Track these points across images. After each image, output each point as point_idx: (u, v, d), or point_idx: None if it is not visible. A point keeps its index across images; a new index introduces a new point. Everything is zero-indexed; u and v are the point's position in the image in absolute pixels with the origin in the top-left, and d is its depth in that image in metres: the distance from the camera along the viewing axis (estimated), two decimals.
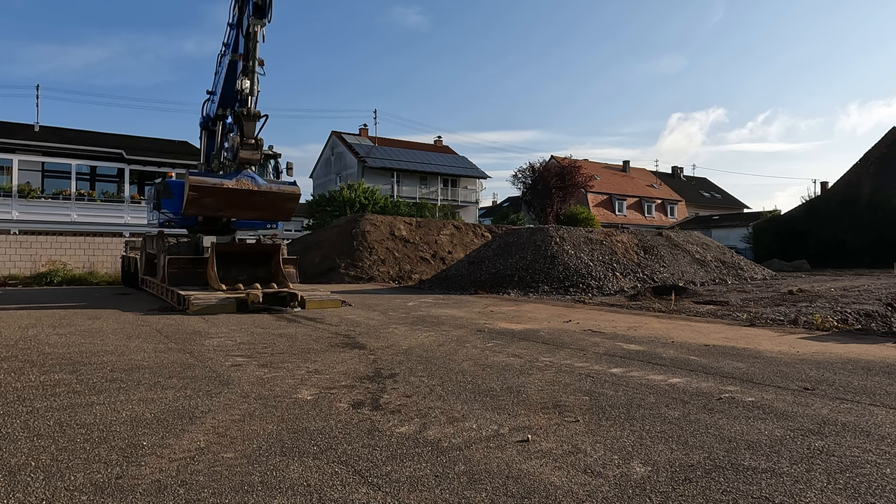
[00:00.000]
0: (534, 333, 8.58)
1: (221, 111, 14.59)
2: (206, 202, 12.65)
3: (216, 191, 12.42)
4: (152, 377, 5.46)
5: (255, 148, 12.75)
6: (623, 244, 20.04)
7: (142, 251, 17.09)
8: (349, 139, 54.78)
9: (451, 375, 5.64)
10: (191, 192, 12.30)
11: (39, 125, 32.86)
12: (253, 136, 12.69)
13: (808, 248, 34.20)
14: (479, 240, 26.89)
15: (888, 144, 36.70)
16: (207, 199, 12.54)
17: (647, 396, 4.87)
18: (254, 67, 12.58)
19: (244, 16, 12.75)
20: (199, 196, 12.42)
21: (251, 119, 12.58)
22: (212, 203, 12.72)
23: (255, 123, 12.66)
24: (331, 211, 35.42)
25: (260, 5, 12.14)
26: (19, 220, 27.66)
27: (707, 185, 76.05)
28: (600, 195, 59.71)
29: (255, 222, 15.33)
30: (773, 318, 10.27)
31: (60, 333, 8.22)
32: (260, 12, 12.20)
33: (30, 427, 3.93)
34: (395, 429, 3.96)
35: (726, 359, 6.61)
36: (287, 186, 13.58)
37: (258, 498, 2.86)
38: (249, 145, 12.68)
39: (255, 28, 12.36)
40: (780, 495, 2.92)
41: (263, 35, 12.56)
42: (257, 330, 8.78)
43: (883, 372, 5.89)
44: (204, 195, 12.45)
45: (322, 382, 5.33)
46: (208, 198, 12.52)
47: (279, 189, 13.26)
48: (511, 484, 3.04)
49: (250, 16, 12.29)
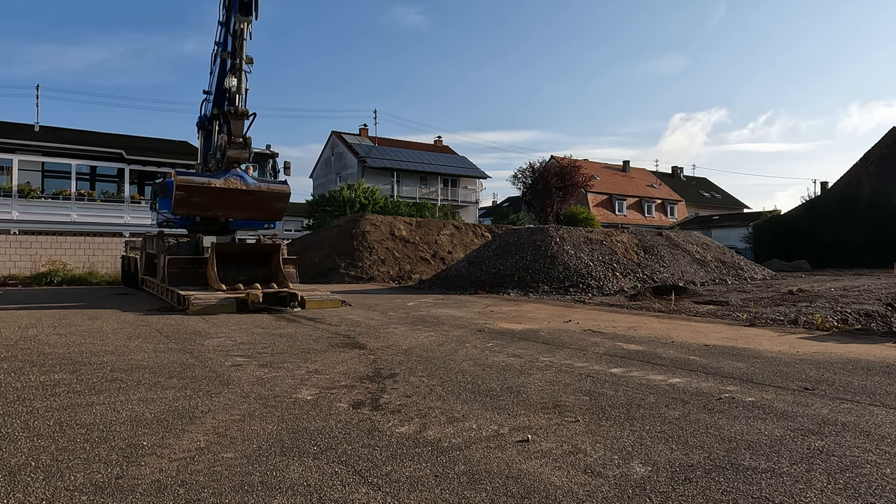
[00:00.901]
0: (534, 333, 8.58)
1: (216, 110, 14.59)
2: (195, 201, 12.57)
3: (204, 190, 12.34)
4: (152, 377, 5.46)
5: (243, 147, 12.63)
6: (623, 244, 20.04)
7: (142, 251, 17.09)
8: (349, 139, 54.78)
9: (451, 375, 5.64)
10: (178, 191, 12.24)
11: (39, 125, 32.87)
12: (241, 134, 12.56)
13: (808, 248, 34.20)
14: (479, 240, 26.89)
15: (888, 144, 36.70)
16: (195, 198, 12.46)
17: (647, 396, 4.87)
18: (241, 65, 12.48)
19: (231, 13, 12.71)
20: (187, 195, 12.35)
21: (239, 117, 12.46)
22: (200, 202, 12.64)
23: (242, 122, 12.54)
24: (331, 211, 35.42)
25: (246, 3, 12.10)
26: (19, 220, 27.66)
27: (707, 185, 76.04)
28: (600, 195, 59.71)
29: (252, 222, 15.28)
30: (773, 318, 10.27)
31: (60, 333, 8.22)
32: (246, 10, 12.15)
33: (30, 427, 3.93)
34: (395, 429, 3.96)
35: (726, 359, 6.60)
36: (276, 186, 13.48)
37: (258, 498, 2.86)
38: (237, 144, 12.58)
39: (241, 25, 12.30)
40: (780, 495, 2.92)
41: (250, 32, 12.49)
42: (257, 330, 8.77)
43: (883, 372, 5.89)
44: (192, 194, 12.37)
45: (322, 382, 5.32)
46: (196, 197, 12.44)
47: (268, 188, 13.16)
48: (511, 484, 3.04)
49: (236, 13, 12.24)
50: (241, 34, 12.40)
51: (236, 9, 12.25)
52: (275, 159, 16.12)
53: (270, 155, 16.12)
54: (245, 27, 12.38)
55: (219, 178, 12.43)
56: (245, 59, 12.73)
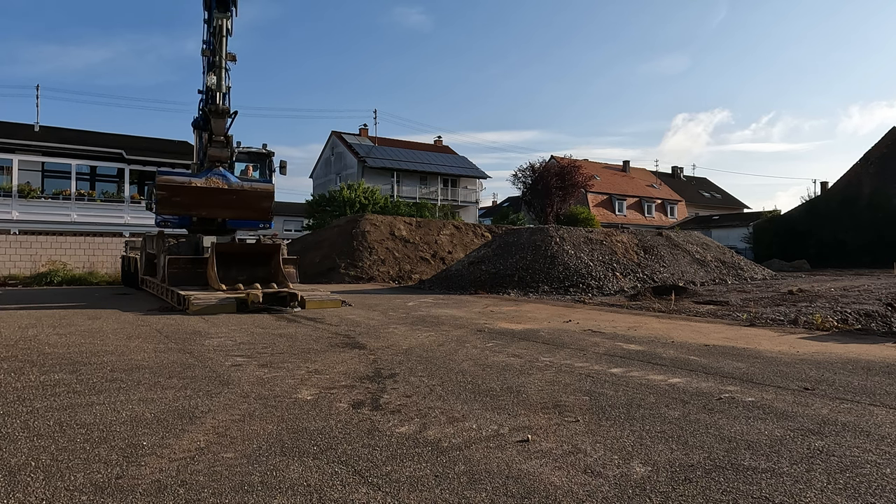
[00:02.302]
0: (534, 333, 8.58)
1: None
2: (177, 201, 12.47)
3: (185, 189, 12.25)
4: (152, 377, 5.46)
5: (224, 145, 12.51)
6: (623, 244, 20.04)
7: (142, 251, 17.08)
8: (349, 139, 54.78)
9: (451, 375, 5.64)
10: (159, 190, 12.19)
11: (39, 125, 32.86)
12: (222, 132, 12.40)
13: (808, 248, 34.20)
14: (479, 240, 26.89)
15: (888, 144, 36.69)
16: (177, 197, 12.36)
17: (647, 396, 4.87)
18: (221, 63, 12.33)
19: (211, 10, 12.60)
20: (169, 195, 12.27)
21: (219, 115, 12.31)
22: (182, 202, 12.54)
23: (223, 120, 12.39)
24: (331, 211, 35.41)
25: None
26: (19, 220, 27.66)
27: (707, 185, 76.03)
28: (600, 195, 59.71)
29: (248, 222, 15.22)
30: (773, 318, 10.27)
31: (60, 333, 8.22)
32: (224, 6, 12.07)
33: (30, 427, 3.92)
34: (395, 429, 3.96)
35: (726, 359, 6.60)
36: (260, 184, 13.33)
37: (258, 498, 2.86)
38: (218, 142, 12.46)
39: (220, 22, 12.19)
40: (780, 495, 2.92)
41: (229, 29, 12.33)
42: (257, 330, 8.77)
43: (883, 372, 5.89)
44: (173, 194, 12.28)
45: (322, 382, 5.32)
46: (178, 196, 12.35)
47: (251, 187, 13.02)
48: (511, 484, 3.04)
49: (214, 9, 12.15)
50: (221, 31, 12.26)
51: (214, 5, 12.17)
52: (270, 158, 16.08)
53: (266, 154, 16.09)
54: (224, 23, 12.23)
55: (201, 178, 12.33)
56: (227, 57, 12.57)
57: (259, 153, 16.00)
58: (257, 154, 15.97)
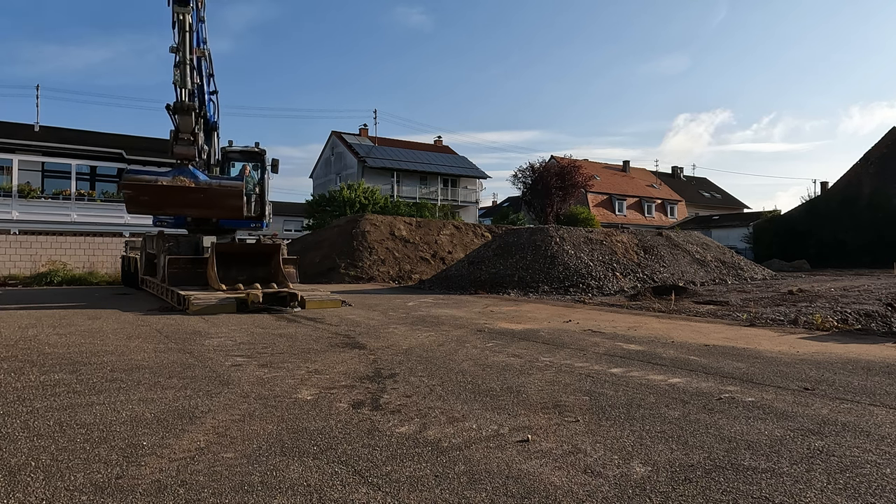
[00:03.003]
0: (534, 333, 8.58)
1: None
2: (143, 200, 12.25)
3: (151, 188, 12.03)
4: (152, 377, 5.46)
5: (190, 143, 12.25)
6: (623, 244, 20.04)
7: (142, 251, 17.08)
8: (349, 139, 54.78)
9: (451, 375, 5.64)
10: (125, 190, 11.96)
11: (39, 125, 32.87)
12: (188, 130, 12.20)
13: (808, 248, 34.19)
14: (479, 240, 26.89)
15: (888, 144, 36.69)
16: (144, 196, 12.12)
17: (647, 396, 4.87)
18: (185, 59, 12.09)
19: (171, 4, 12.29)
20: (135, 194, 12.08)
21: (185, 112, 12.11)
22: (149, 201, 12.34)
23: (189, 117, 12.19)
24: (331, 211, 35.42)
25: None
26: (19, 220, 27.68)
27: (707, 185, 76.03)
28: (600, 195, 59.71)
29: (243, 222, 15.09)
30: (773, 318, 10.27)
31: (60, 333, 8.22)
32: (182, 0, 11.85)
33: (30, 427, 3.92)
34: (395, 429, 3.96)
35: (726, 359, 6.60)
36: (229, 182, 12.97)
37: (258, 498, 2.86)
38: (183, 140, 12.30)
39: (181, 17, 11.97)
40: (780, 495, 2.92)
41: (190, 24, 12.09)
42: (257, 330, 8.77)
43: (883, 372, 5.89)
44: (140, 193, 12.06)
45: (322, 382, 5.32)
46: (145, 196, 12.11)
47: (219, 185, 12.69)
48: (511, 484, 3.04)
49: (174, 3, 11.92)
50: (183, 26, 12.03)
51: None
52: (263, 157, 16.02)
53: (259, 152, 16.04)
54: (186, 18, 11.98)
55: (168, 177, 12.20)
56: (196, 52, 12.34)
57: (251, 151, 15.95)
58: (249, 153, 15.92)
